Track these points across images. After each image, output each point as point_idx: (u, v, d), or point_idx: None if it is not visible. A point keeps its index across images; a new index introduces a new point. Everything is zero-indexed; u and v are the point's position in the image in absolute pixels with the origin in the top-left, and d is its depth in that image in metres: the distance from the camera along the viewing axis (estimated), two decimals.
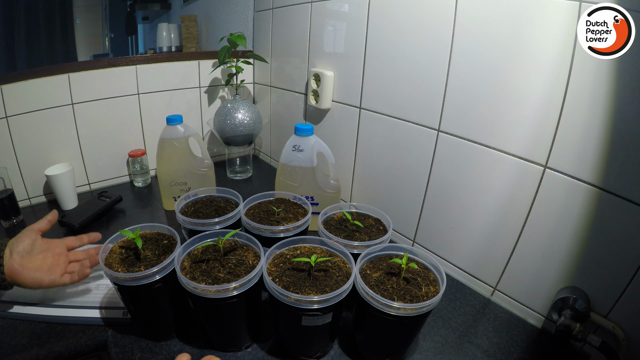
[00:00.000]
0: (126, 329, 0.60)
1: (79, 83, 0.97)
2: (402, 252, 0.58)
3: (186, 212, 0.71)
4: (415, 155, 0.77)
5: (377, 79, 0.81)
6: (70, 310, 0.61)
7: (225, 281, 0.50)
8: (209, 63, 1.18)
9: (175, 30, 1.89)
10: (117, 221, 0.92)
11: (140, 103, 1.09)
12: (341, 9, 0.87)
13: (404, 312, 0.47)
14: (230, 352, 0.57)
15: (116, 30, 2.22)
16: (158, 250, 0.56)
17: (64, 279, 0.58)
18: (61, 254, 0.61)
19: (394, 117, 0.79)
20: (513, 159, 0.60)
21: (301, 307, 0.47)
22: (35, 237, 0.59)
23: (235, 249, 0.58)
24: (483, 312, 0.67)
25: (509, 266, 0.66)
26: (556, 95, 0.53)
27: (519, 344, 0.60)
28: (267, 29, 1.16)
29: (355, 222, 0.65)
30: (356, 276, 0.51)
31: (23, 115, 0.90)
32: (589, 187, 0.53)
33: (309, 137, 0.82)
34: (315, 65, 0.98)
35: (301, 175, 0.84)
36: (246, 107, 1.10)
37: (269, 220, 0.68)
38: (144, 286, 0.50)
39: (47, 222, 0.62)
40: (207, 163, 0.95)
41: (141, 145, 1.13)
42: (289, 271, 0.53)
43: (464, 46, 0.63)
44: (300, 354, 0.56)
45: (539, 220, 0.60)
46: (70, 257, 0.62)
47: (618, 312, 0.53)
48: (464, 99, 0.65)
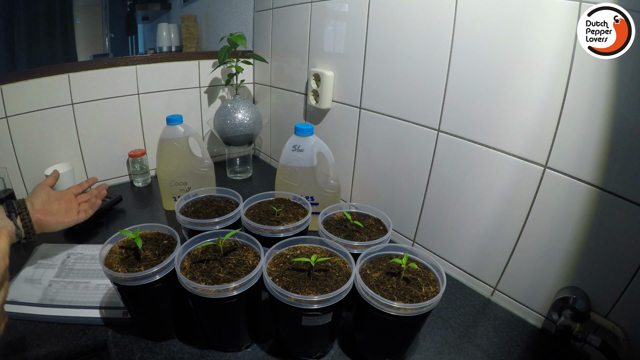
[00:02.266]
0: (126, 329, 0.59)
1: (79, 83, 0.97)
2: (402, 252, 0.58)
3: (186, 212, 0.71)
4: (415, 155, 0.77)
5: (377, 79, 0.81)
6: (70, 310, 0.61)
7: (225, 281, 0.50)
8: (209, 63, 1.18)
9: (175, 30, 1.89)
10: (117, 221, 0.92)
11: (140, 103, 1.09)
12: (341, 9, 0.87)
13: (404, 312, 0.47)
14: (230, 352, 0.57)
15: (116, 30, 2.21)
16: (158, 250, 0.56)
17: (80, 215, 0.73)
18: (71, 199, 0.75)
19: (394, 117, 0.79)
20: (513, 159, 0.60)
21: (301, 307, 0.47)
22: (48, 190, 0.71)
23: (235, 249, 0.58)
24: (483, 312, 0.67)
25: (509, 266, 0.66)
26: (556, 95, 0.53)
27: (519, 344, 0.60)
28: (267, 29, 1.16)
29: (355, 222, 0.65)
30: (356, 276, 0.51)
31: (23, 115, 0.90)
32: (589, 187, 0.53)
33: (309, 137, 0.82)
34: (315, 65, 0.98)
35: (301, 175, 0.84)
36: (246, 107, 1.10)
37: (269, 220, 0.68)
38: (144, 286, 0.50)
39: (52, 178, 0.75)
40: (207, 163, 0.95)
41: (141, 145, 1.13)
42: (289, 271, 0.53)
43: (464, 46, 0.63)
44: (300, 354, 0.56)
45: (539, 220, 0.60)
46: (79, 200, 0.77)
47: (618, 312, 0.53)
48: (464, 99, 0.65)
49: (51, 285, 0.66)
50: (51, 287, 0.66)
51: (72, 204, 0.74)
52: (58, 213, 0.69)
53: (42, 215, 0.66)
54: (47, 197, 0.69)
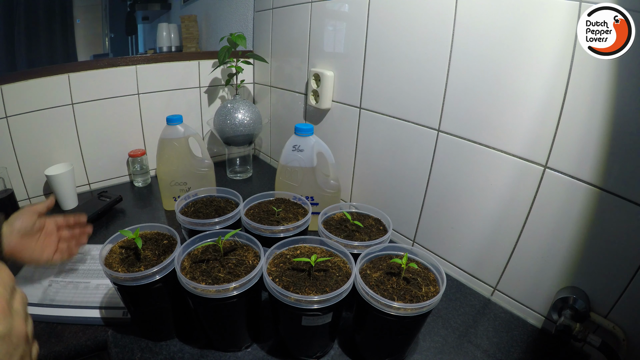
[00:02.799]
0: (126, 329, 0.60)
1: (79, 83, 0.97)
2: (402, 252, 0.58)
3: (186, 212, 0.71)
4: (415, 155, 0.77)
5: (377, 79, 0.81)
6: (70, 310, 0.61)
7: (225, 281, 0.50)
8: (209, 63, 1.18)
9: (175, 30, 1.89)
10: (117, 221, 0.92)
11: (140, 103, 1.09)
12: (341, 9, 0.87)
13: (404, 312, 0.47)
14: (230, 352, 0.57)
15: (116, 30, 2.21)
16: (158, 250, 0.56)
17: (56, 257, 0.65)
18: (52, 233, 0.66)
19: (394, 117, 0.79)
20: (513, 159, 0.60)
21: (301, 307, 0.47)
22: (35, 219, 0.62)
23: (235, 249, 0.58)
24: (483, 312, 0.67)
25: (509, 266, 0.66)
26: (556, 95, 0.53)
27: (519, 344, 0.60)
28: (267, 29, 1.16)
29: (355, 222, 0.65)
30: (356, 276, 0.51)
31: (23, 115, 0.90)
32: (589, 187, 0.53)
33: (309, 137, 0.82)
34: (315, 65, 0.98)
35: (301, 175, 0.84)
36: (246, 107, 1.10)
37: (269, 220, 0.68)
38: (144, 286, 0.50)
39: (45, 207, 0.66)
40: (207, 163, 0.95)
41: (141, 145, 1.13)
42: (289, 271, 0.53)
43: (464, 46, 0.63)
44: (300, 354, 0.56)
45: (539, 220, 0.60)
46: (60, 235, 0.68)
47: (618, 312, 0.53)
48: (464, 99, 0.65)
49: (51, 285, 0.66)
50: (51, 287, 0.66)
51: (50, 239, 0.65)
52: (34, 250, 0.62)
53: (20, 246, 0.59)
54: (31, 227, 0.61)
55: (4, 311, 0.30)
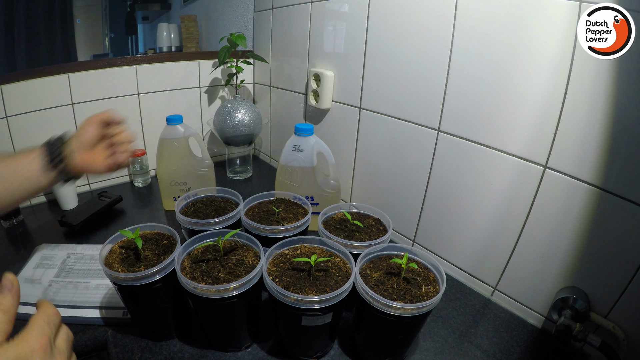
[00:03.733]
0: (126, 329, 0.60)
1: (79, 83, 0.97)
2: (402, 252, 0.58)
3: (186, 212, 0.71)
4: (415, 155, 0.77)
5: (377, 79, 0.81)
6: (70, 310, 0.61)
7: (225, 281, 0.50)
8: (209, 63, 1.18)
9: (175, 30, 1.89)
10: (117, 221, 0.92)
11: (140, 103, 1.09)
12: (341, 9, 0.87)
13: (404, 312, 0.47)
14: (230, 352, 0.57)
15: (116, 30, 2.21)
16: (158, 250, 0.56)
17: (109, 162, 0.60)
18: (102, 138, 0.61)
19: (394, 117, 0.79)
20: (513, 159, 0.60)
21: (301, 307, 0.47)
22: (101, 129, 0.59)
23: (235, 249, 0.58)
24: (483, 312, 0.67)
25: (509, 266, 0.66)
26: (556, 95, 0.53)
27: (519, 344, 0.60)
28: (267, 29, 1.16)
29: (355, 222, 0.65)
30: (356, 276, 0.51)
31: (23, 115, 0.90)
32: (589, 187, 0.53)
33: (309, 137, 0.82)
34: (315, 65, 0.98)
35: (301, 175, 0.83)
36: (246, 107, 1.10)
37: (269, 220, 0.68)
38: (144, 286, 0.50)
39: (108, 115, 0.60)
40: (207, 163, 0.95)
41: (141, 145, 1.13)
42: (289, 271, 0.53)
43: (464, 46, 0.63)
44: (300, 354, 0.56)
45: (539, 220, 0.60)
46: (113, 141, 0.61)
47: (618, 312, 0.53)
48: (464, 99, 0.65)
49: (51, 285, 0.66)
50: (51, 287, 0.66)
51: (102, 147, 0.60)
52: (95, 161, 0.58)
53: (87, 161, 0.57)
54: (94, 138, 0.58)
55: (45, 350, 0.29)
